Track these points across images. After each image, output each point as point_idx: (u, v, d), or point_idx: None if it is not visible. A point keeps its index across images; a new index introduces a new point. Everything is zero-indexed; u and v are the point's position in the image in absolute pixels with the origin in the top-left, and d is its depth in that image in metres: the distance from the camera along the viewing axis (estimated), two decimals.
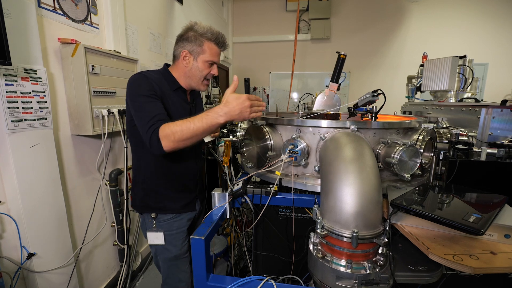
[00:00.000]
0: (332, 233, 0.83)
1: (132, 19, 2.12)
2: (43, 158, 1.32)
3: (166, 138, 0.92)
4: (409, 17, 4.93)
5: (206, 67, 1.17)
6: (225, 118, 0.93)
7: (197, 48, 1.14)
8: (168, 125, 0.94)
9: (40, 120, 1.28)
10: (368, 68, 5.19)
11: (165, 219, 1.24)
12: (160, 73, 1.20)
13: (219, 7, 4.91)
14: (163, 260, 1.28)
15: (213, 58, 1.16)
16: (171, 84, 1.19)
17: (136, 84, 1.06)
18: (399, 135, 1.21)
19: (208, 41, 1.14)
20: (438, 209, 0.86)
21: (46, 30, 1.39)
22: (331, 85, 1.80)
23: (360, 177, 0.85)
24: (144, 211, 1.25)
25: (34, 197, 1.29)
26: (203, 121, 0.92)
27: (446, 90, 2.07)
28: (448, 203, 0.93)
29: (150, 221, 1.24)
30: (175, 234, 1.26)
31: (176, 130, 0.92)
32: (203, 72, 1.18)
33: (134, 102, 1.03)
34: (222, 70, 5.26)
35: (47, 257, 1.35)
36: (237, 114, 0.93)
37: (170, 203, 1.24)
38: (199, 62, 1.16)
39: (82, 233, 1.67)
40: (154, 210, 1.23)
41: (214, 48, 1.16)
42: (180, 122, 0.93)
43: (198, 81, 1.20)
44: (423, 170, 1.23)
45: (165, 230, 1.23)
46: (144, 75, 1.10)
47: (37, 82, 1.25)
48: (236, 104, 0.92)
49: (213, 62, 1.18)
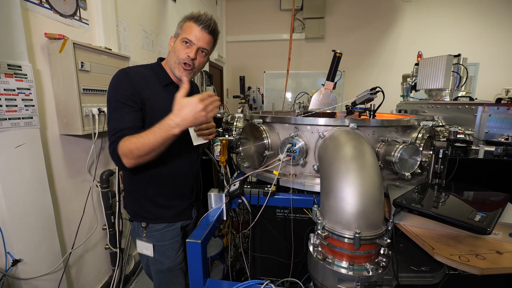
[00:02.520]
0: (333, 234, 0.81)
1: (123, 15, 2.06)
2: (29, 159, 1.25)
3: (125, 156, 0.91)
4: (402, 16, 4.97)
5: (182, 47, 1.05)
6: (179, 128, 0.87)
7: (179, 29, 1.08)
8: (125, 142, 0.90)
9: (25, 119, 1.22)
10: (362, 67, 5.22)
11: (157, 228, 1.15)
12: (150, 68, 1.12)
13: (213, 6, 4.85)
14: (155, 272, 1.21)
15: (188, 35, 1.03)
16: (162, 79, 1.10)
17: (114, 86, 1.00)
18: (398, 133, 1.19)
19: (188, 21, 1.06)
20: (442, 208, 0.84)
21: (32, 24, 1.33)
22: (327, 83, 1.78)
23: (361, 176, 0.82)
24: (134, 219, 1.17)
25: (19, 200, 1.22)
26: (156, 135, 0.87)
27: (441, 88, 2.08)
28: (450, 202, 0.91)
29: (141, 230, 1.15)
30: (168, 245, 1.16)
31: (133, 148, 0.89)
32: (178, 54, 1.06)
33: (108, 106, 1.00)
34: (216, 69, 5.20)
35: (34, 263, 1.29)
36: (191, 121, 0.87)
37: (163, 211, 1.15)
38: (177, 42, 1.07)
39: (71, 237, 1.60)
40: (144, 219, 1.14)
41: (192, 26, 1.04)
42: (136, 139, 0.89)
43: (174, 64, 1.08)
44: (422, 169, 1.22)
45: (157, 240, 1.14)
46: (126, 74, 1.02)
47: (22, 79, 1.19)
48: (188, 112, 0.85)
49: (188, 40, 1.05)
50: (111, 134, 0.95)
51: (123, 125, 0.94)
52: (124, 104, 0.97)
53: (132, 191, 1.16)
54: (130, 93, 0.98)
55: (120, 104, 0.96)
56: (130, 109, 0.97)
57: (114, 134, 0.94)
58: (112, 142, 0.94)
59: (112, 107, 0.98)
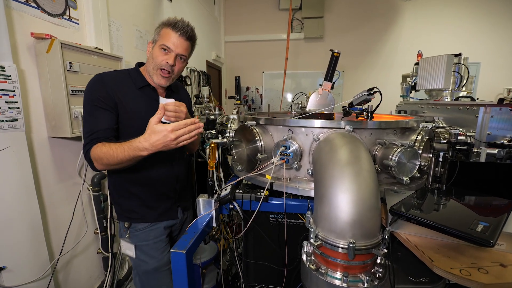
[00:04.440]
0: (326, 243, 0.76)
1: (116, 15, 2.02)
2: (14, 162, 1.21)
3: (96, 161, 0.96)
4: (402, 16, 4.92)
5: (160, 53, 1.07)
6: (147, 152, 0.88)
7: (156, 35, 1.10)
8: (96, 149, 0.95)
9: (10, 121, 1.18)
10: (361, 67, 5.17)
11: (139, 228, 1.16)
12: (127, 72, 1.15)
13: (211, 5, 4.81)
14: (142, 274, 1.20)
15: (166, 42, 1.06)
16: (137, 82, 1.13)
17: (88, 90, 1.04)
18: (397, 136, 1.14)
19: (165, 27, 1.07)
20: (442, 215, 0.79)
21: (18, 24, 1.28)
22: (325, 84, 1.74)
23: (356, 182, 0.78)
24: (119, 218, 1.19)
25: (3, 205, 1.18)
26: (125, 153, 0.89)
27: (442, 88, 2.03)
28: (451, 209, 0.86)
29: (124, 230, 1.17)
30: (152, 245, 1.17)
31: (102, 157, 0.93)
32: (156, 60, 1.08)
33: (83, 109, 1.04)
34: (214, 70, 5.16)
35: (19, 270, 1.25)
36: (160, 148, 0.87)
37: (145, 210, 1.17)
38: (155, 48, 1.09)
39: (61, 242, 1.56)
40: (127, 218, 1.16)
41: (170, 33, 1.06)
42: (106, 150, 0.92)
43: (152, 71, 1.10)
44: (422, 172, 1.18)
45: (141, 240, 1.16)
46: (100, 79, 1.06)
47: (5, 80, 1.15)
48: (158, 139, 0.85)
49: (166, 47, 1.07)
50: (86, 136, 1.00)
51: (97, 127, 0.99)
52: (98, 107, 1.01)
53: (115, 191, 1.18)
54: (102, 96, 1.02)
55: (94, 107, 1.01)
56: (103, 111, 1.02)
57: (88, 136, 0.99)
58: (86, 144, 0.99)
59: (86, 110, 1.03)
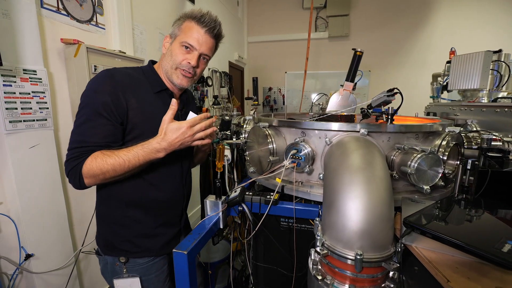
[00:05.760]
0: (333, 253, 0.72)
1: (140, 19, 2.11)
2: (43, 159, 1.31)
3: (92, 177, 0.78)
4: (436, 11, 4.58)
5: (180, 51, 0.90)
6: (165, 152, 0.81)
7: (176, 29, 0.92)
8: (96, 161, 0.77)
9: (40, 121, 1.28)
10: (390, 67, 4.91)
11: (139, 263, 0.95)
12: (141, 71, 0.96)
13: (234, 6, 4.86)
14: None
15: (188, 39, 0.89)
16: (154, 85, 0.94)
17: (92, 88, 0.83)
18: (419, 140, 1.06)
19: (188, 20, 0.90)
20: (463, 230, 0.71)
21: (49, 30, 1.39)
22: (346, 84, 1.68)
23: (367, 190, 0.73)
24: (109, 252, 0.95)
25: (32, 198, 1.29)
26: (139, 158, 0.79)
27: (477, 89, 1.85)
28: (476, 223, 0.78)
29: (118, 265, 0.94)
30: (154, 278, 0.99)
31: (108, 169, 0.77)
32: (175, 58, 0.90)
33: (79, 111, 0.82)
34: (237, 70, 5.21)
35: (45, 258, 1.35)
36: (177, 146, 0.81)
37: (147, 241, 0.96)
38: (174, 45, 0.92)
39: (83, 234, 1.66)
40: (123, 252, 0.93)
41: (194, 28, 0.89)
42: (112, 160, 0.77)
43: (170, 69, 0.92)
44: (447, 181, 1.08)
45: (141, 275, 0.96)
46: (110, 76, 0.85)
47: (36, 83, 1.25)
48: (176, 137, 0.79)
49: (189, 45, 0.90)
50: (74, 147, 0.79)
51: (93, 141, 0.79)
52: (100, 115, 0.80)
53: (107, 216, 0.95)
54: (111, 101, 0.81)
55: (95, 113, 0.80)
56: (106, 121, 0.81)
57: (76, 148, 0.79)
58: (73, 157, 0.78)
59: (84, 113, 0.81)
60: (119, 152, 0.79)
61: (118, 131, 0.84)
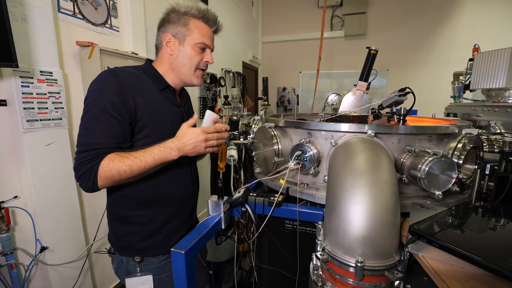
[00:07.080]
0: (333, 259, 0.70)
1: (153, 21, 2.16)
2: (58, 156, 1.38)
3: (108, 178, 0.77)
4: (460, 5, 4.34)
5: (197, 52, 0.92)
6: (178, 153, 0.83)
7: (182, 28, 0.90)
8: (114, 163, 0.76)
9: (55, 120, 1.34)
10: (409, 65, 4.71)
11: (153, 261, 0.96)
12: (141, 70, 0.94)
13: (248, 7, 4.87)
14: None
15: (204, 39, 0.92)
16: (157, 83, 0.94)
17: (99, 89, 0.80)
18: (432, 143, 1.00)
19: (194, 19, 0.91)
20: (476, 240, 0.66)
21: (65, 33, 1.45)
22: (360, 84, 1.62)
23: (371, 194, 0.70)
24: (124, 253, 0.96)
25: (48, 192, 1.35)
26: (155, 157, 0.80)
27: (504, 88, 1.73)
28: (493, 233, 0.72)
29: (132, 264, 0.95)
30: (166, 277, 0.98)
31: (125, 170, 0.77)
32: (194, 60, 0.92)
33: (85, 112, 0.79)
34: (251, 71, 5.21)
35: (59, 250, 1.41)
36: (190, 149, 0.84)
37: (163, 239, 0.97)
38: (186, 46, 0.91)
39: (95, 229, 1.72)
40: (139, 252, 0.94)
41: (204, 27, 0.92)
42: (130, 161, 0.77)
43: (189, 71, 0.94)
44: (464, 186, 1.01)
45: (153, 274, 0.96)
46: (115, 75, 0.83)
47: (52, 84, 1.31)
48: (190, 139, 0.83)
49: (205, 45, 0.93)
50: (85, 150, 0.77)
51: (104, 142, 0.78)
52: (109, 114, 0.78)
53: (120, 217, 0.95)
54: (119, 100, 0.79)
55: (104, 113, 0.77)
56: (115, 121, 0.79)
57: (89, 150, 0.76)
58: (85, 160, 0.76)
59: (91, 114, 0.78)
60: (136, 153, 0.80)
61: (127, 131, 0.83)
